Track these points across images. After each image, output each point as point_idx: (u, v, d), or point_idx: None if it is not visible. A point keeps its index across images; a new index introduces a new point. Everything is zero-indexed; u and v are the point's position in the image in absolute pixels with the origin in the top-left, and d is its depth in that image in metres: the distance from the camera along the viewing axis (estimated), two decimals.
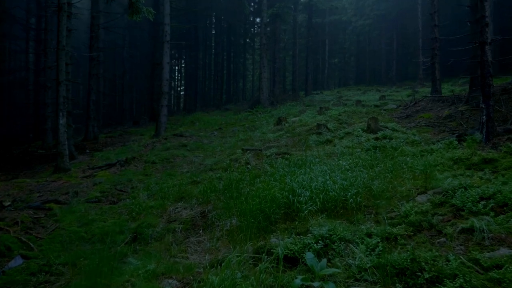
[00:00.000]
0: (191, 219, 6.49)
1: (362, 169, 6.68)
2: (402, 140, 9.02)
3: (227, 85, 46.10)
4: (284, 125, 14.40)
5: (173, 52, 46.95)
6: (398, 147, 8.36)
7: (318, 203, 4.93)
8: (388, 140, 9.16)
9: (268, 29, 28.49)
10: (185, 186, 7.99)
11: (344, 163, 7.12)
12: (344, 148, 9.41)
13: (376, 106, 17.75)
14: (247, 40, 52.17)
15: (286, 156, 9.33)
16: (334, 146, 10.14)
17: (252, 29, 52.40)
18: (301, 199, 5.13)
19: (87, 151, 16.34)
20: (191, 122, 21.54)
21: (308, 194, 5.15)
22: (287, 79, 56.96)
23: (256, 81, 57.37)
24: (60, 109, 10.62)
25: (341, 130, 12.00)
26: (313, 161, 7.49)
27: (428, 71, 32.95)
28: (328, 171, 6.55)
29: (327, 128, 12.04)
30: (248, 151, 8.96)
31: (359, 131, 10.96)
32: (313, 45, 39.51)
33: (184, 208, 7.03)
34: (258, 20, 50.16)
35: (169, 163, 11.01)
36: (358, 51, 54.44)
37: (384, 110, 14.44)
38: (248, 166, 8.51)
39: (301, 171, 6.63)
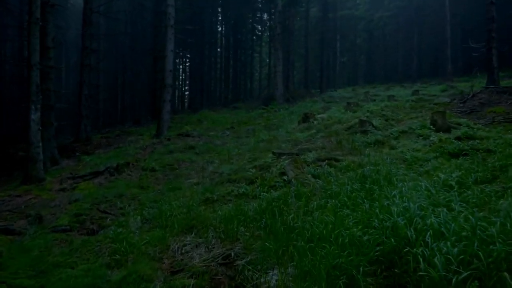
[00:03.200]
0: (208, 269, 3.97)
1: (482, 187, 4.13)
2: (498, 142, 6.45)
3: (234, 84, 43.60)
4: (313, 122, 11.87)
5: (177, 51, 44.73)
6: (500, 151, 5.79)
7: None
8: (476, 141, 6.58)
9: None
10: (196, 208, 5.47)
11: (443, 176, 4.57)
12: (412, 151, 6.86)
13: (414, 101, 15.20)
14: (254, 37, 49.89)
15: (333, 162, 6.80)
16: (394, 149, 7.59)
17: (259, 26, 50.16)
18: (436, 258, 2.57)
19: (77, 153, 13.90)
20: (197, 121, 19.06)
21: (454, 250, 2.58)
22: (295, 77, 54.42)
23: (263, 80, 54.86)
24: (33, 100, 8.16)
25: (391, 128, 9.44)
26: (391, 171, 4.93)
27: (456, 65, 30.26)
28: (431, 190, 4.01)
29: (372, 125, 9.49)
30: (284, 156, 6.44)
31: (421, 129, 8.40)
32: (326, 40, 36.91)
33: (196, 246, 4.51)
34: (265, 17, 47.89)
35: (172, 170, 8.51)
36: (369, 48, 51.96)
37: (435, 104, 11.86)
38: (285, 177, 5.99)
39: (387, 190, 4.10)
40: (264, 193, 5.47)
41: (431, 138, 7.30)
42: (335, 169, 6.39)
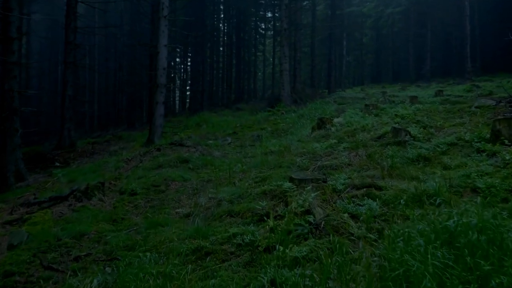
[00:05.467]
0: None
1: None
2: None
3: (236, 84, 41.73)
4: (330, 129, 9.99)
5: (178, 49, 43.00)
6: None
7: None
8: None
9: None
10: (179, 271, 3.61)
11: None
12: (482, 175, 4.98)
13: (441, 103, 13.32)
14: (257, 36, 48.21)
15: (373, 191, 4.92)
16: (448, 168, 5.70)
17: (263, 24, 48.47)
18: None
19: (56, 163, 12.09)
20: (196, 125, 17.22)
21: None
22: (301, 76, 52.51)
23: (267, 79, 53.10)
24: None
25: (433, 138, 7.55)
26: (494, 224, 3.04)
27: (474, 64, 28.21)
28: None
29: (409, 135, 7.61)
30: (307, 185, 4.58)
31: (478, 141, 6.50)
32: (334, 38, 34.93)
33: None
34: (269, 14, 46.20)
35: (158, 193, 6.66)
36: (377, 47, 50.18)
37: (477, 107, 9.94)
38: (310, 218, 4.11)
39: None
40: (282, 248, 3.59)
41: (506, 157, 5.38)
42: (379, 202, 4.52)
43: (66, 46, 14.13)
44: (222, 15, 45.16)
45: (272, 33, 45.73)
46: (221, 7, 44.11)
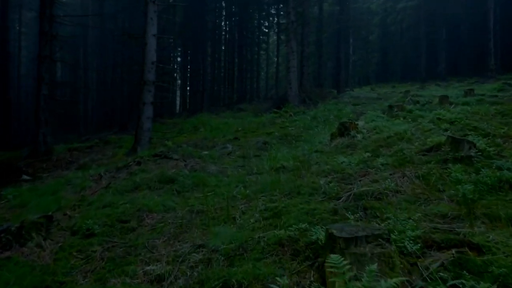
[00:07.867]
0: None
1: None
2: None
3: (238, 83, 39.75)
4: (355, 136, 7.97)
5: (179, 49, 41.15)
6: None
7: None
8: None
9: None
10: None
11: None
12: None
13: (477, 103, 11.35)
14: (261, 36, 46.33)
15: (470, 256, 2.91)
16: None
17: (266, 22, 46.59)
18: None
19: (24, 176, 10.14)
20: (193, 128, 15.26)
21: None
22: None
23: (270, 79, 51.11)
24: None
25: (507, 152, 5.53)
26: None
27: (497, 61, 26.10)
28: None
29: (474, 146, 5.58)
30: (355, 246, 2.56)
31: None
32: (343, 35, 32.87)
33: None
34: (273, 11, 44.30)
35: (125, 234, 4.66)
36: (384, 45, 48.22)
37: None
38: None
39: None
40: None
41: None
42: (490, 283, 2.51)
43: (41, 37, 12.17)
44: (223, 12, 43.33)
45: (276, 30, 43.87)
46: (223, 4, 42.27)
